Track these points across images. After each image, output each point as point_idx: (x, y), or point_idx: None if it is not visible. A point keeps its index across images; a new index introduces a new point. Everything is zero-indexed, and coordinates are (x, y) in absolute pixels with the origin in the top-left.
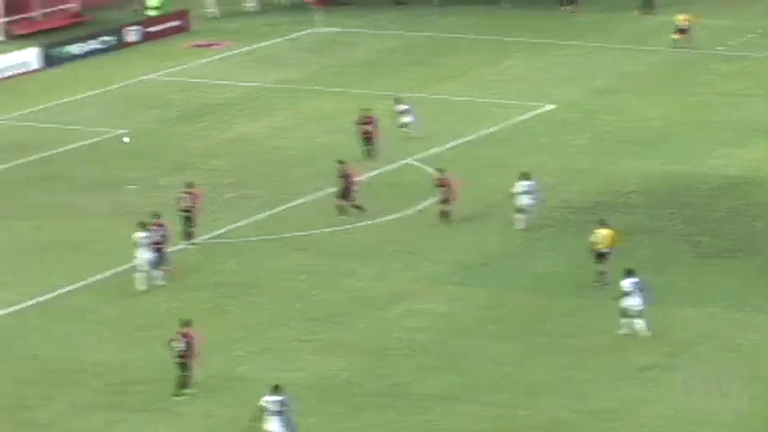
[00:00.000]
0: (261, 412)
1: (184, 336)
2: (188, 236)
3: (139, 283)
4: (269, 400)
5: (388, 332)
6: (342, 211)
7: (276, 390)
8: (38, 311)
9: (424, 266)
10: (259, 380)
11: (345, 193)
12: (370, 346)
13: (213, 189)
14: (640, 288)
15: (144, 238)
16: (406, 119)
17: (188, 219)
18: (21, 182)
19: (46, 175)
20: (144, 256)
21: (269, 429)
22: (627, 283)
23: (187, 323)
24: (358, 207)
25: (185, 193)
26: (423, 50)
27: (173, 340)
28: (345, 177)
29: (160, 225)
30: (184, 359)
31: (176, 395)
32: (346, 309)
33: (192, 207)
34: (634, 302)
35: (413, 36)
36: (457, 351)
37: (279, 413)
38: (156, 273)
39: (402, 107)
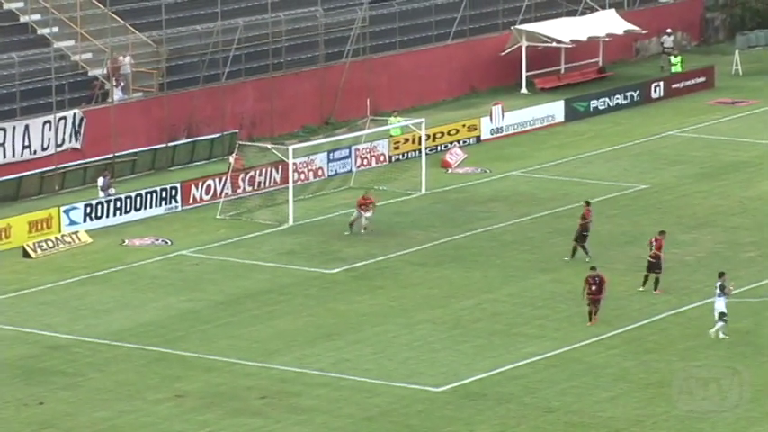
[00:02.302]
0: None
1: None
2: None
3: (717, 331)
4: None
5: None
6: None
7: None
8: (549, 363)
9: None
10: None
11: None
12: None
13: (733, 247)
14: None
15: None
16: None
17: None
18: (540, 233)
19: (565, 228)
20: (718, 307)
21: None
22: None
23: None
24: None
25: None
26: None
27: None
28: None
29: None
30: None
31: None
32: None
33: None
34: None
35: None
36: None
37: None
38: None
39: None
